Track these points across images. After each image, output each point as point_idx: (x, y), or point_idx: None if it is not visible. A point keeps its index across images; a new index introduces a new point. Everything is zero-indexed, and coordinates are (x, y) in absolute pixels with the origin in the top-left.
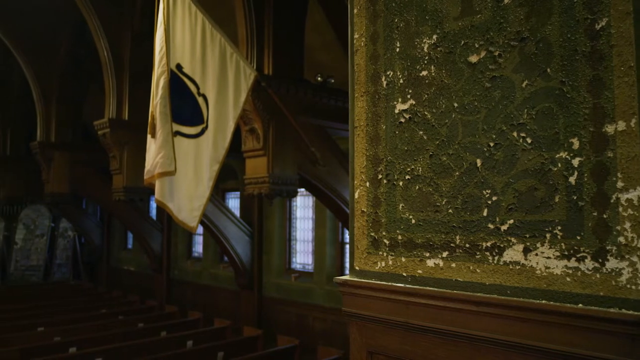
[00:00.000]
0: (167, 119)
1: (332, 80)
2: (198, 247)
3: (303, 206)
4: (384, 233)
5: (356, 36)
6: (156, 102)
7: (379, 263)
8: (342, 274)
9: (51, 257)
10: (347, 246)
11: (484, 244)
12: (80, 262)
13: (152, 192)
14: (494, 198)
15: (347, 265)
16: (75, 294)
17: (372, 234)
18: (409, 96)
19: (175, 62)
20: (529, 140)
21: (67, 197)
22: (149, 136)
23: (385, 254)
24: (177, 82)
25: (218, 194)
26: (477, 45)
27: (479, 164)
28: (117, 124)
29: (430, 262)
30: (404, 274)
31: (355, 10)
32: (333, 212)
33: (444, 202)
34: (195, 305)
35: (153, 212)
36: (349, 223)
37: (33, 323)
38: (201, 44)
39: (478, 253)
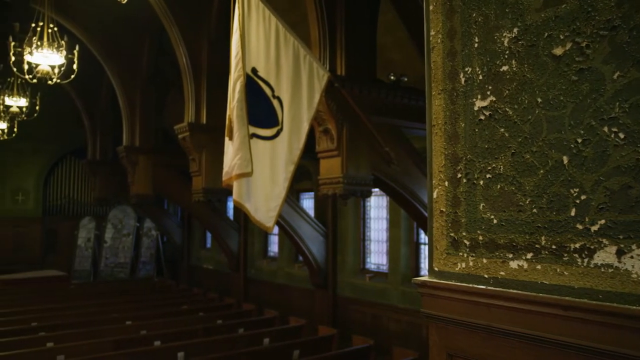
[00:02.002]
0: (243, 121)
1: (406, 79)
2: (273, 247)
3: (377, 206)
4: (464, 233)
5: (432, 33)
6: (233, 105)
7: (459, 264)
8: (417, 274)
9: (136, 255)
10: (422, 247)
11: (572, 245)
12: (162, 260)
13: (230, 193)
14: (583, 197)
15: (422, 265)
16: (158, 290)
17: (452, 234)
18: (488, 92)
19: (251, 66)
20: (621, 136)
21: (151, 199)
22: (226, 139)
23: (465, 254)
24: (252, 86)
25: (293, 194)
26: (562, 37)
27: (565, 162)
28: (196, 128)
29: (513, 264)
30: (486, 276)
31: (431, 7)
32: (408, 212)
33: (527, 202)
34: (271, 304)
35: (230, 213)
36: (428, 223)
37: (122, 317)
38: (275, 48)
39: (566, 255)
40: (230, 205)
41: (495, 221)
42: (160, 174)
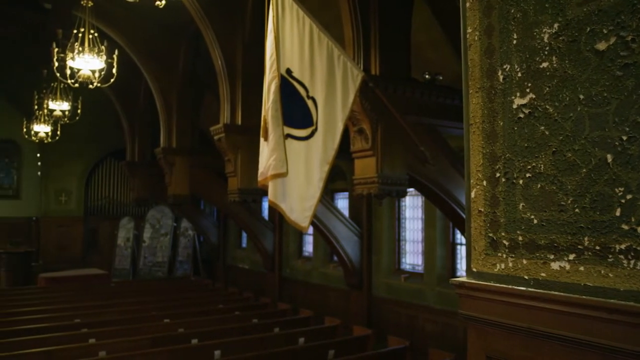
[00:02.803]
0: (278, 122)
1: (441, 78)
2: (308, 247)
3: (412, 206)
4: (503, 234)
5: (469, 30)
6: (268, 106)
7: (498, 265)
8: (453, 275)
9: (174, 255)
10: (458, 247)
11: (617, 247)
12: (199, 259)
13: (265, 193)
14: (629, 196)
15: (459, 266)
16: (195, 289)
17: (490, 234)
18: (528, 90)
19: (285, 67)
20: None
21: (187, 199)
22: (261, 139)
23: (504, 255)
24: (287, 87)
25: (327, 194)
26: (605, 31)
27: (609, 160)
28: (231, 129)
29: (555, 265)
30: (526, 277)
31: (467, 4)
32: (444, 212)
33: (569, 201)
34: (305, 303)
35: (265, 213)
36: (465, 223)
37: (160, 315)
38: (309, 48)
39: (610, 256)
40: (266, 205)
41: (535, 221)
42: (196, 175)
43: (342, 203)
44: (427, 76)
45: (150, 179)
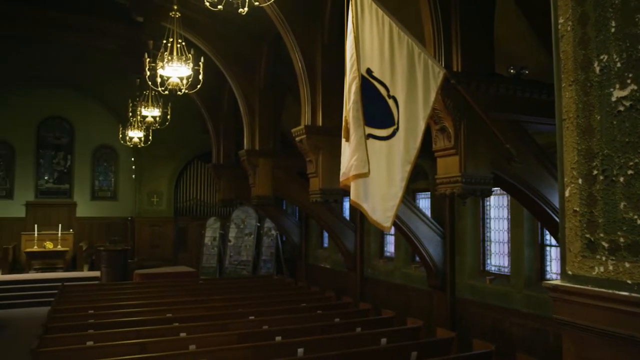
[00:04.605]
0: (359, 122)
1: (527, 72)
2: (390, 247)
3: (497, 206)
4: (601, 235)
5: (561, 21)
6: (349, 107)
7: (596, 268)
8: (542, 278)
9: (258, 254)
10: (547, 248)
11: None
12: (282, 258)
13: (346, 193)
14: None
15: (548, 268)
16: (278, 287)
17: (587, 235)
18: (629, 81)
19: (366, 67)
20: None
21: (270, 200)
22: (343, 140)
23: (604, 258)
24: (368, 87)
25: (409, 194)
26: None
27: None
28: (312, 130)
29: None
30: (629, 281)
31: None
32: (532, 212)
33: None
34: (387, 304)
35: (346, 212)
36: (559, 224)
37: (246, 312)
38: (389, 47)
39: None
40: (347, 205)
41: (639, 222)
42: (279, 176)
43: (424, 203)
44: (512, 70)
45: (235, 180)
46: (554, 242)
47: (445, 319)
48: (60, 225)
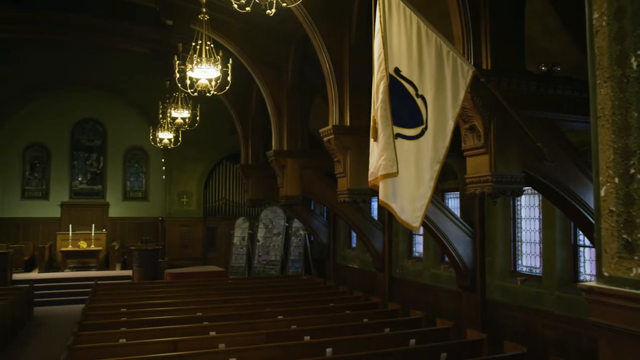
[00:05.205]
0: (387, 122)
1: (558, 69)
2: (418, 247)
3: (528, 205)
4: (639, 235)
5: (595, 16)
6: (377, 106)
7: (634, 269)
8: (575, 279)
9: (286, 254)
10: (581, 249)
11: None
12: (310, 258)
13: (374, 193)
14: None
15: (581, 269)
16: (306, 287)
17: (625, 236)
18: None
19: (394, 67)
20: None
21: (298, 200)
22: (371, 140)
23: None
24: (396, 86)
25: (438, 194)
26: None
27: None
28: (340, 130)
29: None
30: None
31: None
32: (564, 211)
33: None
34: (415, 304)
35: (374, 213)
36: (595, 224)
37: (274, 311)
38: (417, 46)
39: None
40: (375, 205)
41: None
42: (307, 176)
43: (453, 203)
44: (543, 68)
45: (263, 180)
46: (587, 242)
47: (475, 320)
48: (93, 225)
